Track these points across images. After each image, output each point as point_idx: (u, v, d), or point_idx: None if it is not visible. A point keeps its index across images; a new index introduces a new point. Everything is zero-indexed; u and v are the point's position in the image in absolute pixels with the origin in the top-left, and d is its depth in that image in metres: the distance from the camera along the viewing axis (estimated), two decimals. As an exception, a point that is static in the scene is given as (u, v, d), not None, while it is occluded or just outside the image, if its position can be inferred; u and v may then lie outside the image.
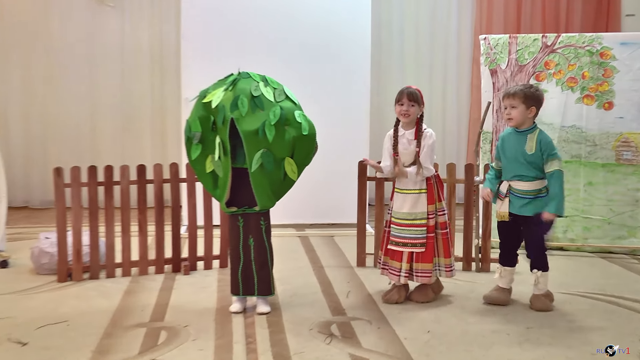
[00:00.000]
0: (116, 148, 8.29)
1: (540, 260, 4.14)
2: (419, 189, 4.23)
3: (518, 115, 4.04)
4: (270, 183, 3.86)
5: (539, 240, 4.12)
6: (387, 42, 8.59)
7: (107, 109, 8.24)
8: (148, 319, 3.87)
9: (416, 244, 4.21)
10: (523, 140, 4.05)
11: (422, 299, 4.26)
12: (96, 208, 4.77)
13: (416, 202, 4.23)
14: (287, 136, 3.83)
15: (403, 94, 4.20)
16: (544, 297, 4.13)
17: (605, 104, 5.74)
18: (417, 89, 4.23)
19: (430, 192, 4.24)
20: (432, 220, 4.24)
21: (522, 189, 4.06)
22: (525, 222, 4.10)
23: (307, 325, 3.76)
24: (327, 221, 7.03)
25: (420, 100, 4.21)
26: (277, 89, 3.92)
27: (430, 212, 4.23)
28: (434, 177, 4.28)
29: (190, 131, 3.94)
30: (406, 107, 4.19)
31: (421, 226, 4.21)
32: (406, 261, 4.24)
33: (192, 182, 4.99)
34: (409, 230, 4.23)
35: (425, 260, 4.22)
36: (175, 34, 8.05)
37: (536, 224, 4.05)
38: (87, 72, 8.18)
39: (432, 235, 4.23)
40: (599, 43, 5.74)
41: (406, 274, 4.24)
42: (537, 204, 4.03)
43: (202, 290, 4.51)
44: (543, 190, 4.05)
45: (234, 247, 4.00)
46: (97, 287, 4.57)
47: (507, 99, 4.06)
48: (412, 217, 4.22)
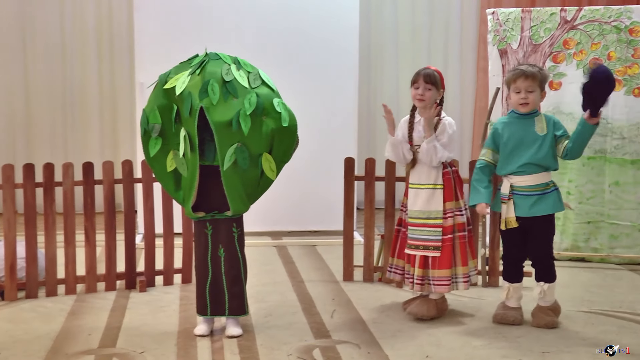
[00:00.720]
0: (57, 143, 8.27)
1: (549, 270, 4.22)
2: (433, 183, 4.31)
3: (536, 100, 4.14)
4: (245, 183, 3.88)
5: (548, 246, 4.21)
6: (378, 18, 8.62)
7: (45, 98, 8.22)
8: (97, 345, 3.87)
9: (429, 247, 4.28)
10: (530, 124, 4.15)
11: (422, 313, 4.30)
12: (34, 214, 4.76)
13: (430, 198, 4.30)
14: (265, 128, 3.85)
15: (419, 75, 4.28)
16: (549, 311, 4.21)
17: (635, 90, 5.80)
18: (436, 70, 4.32)
19: (447, 188, 4.31)
20: (450, 220, 4.31)
21: (526, 184, 4.13)
22: (532, 225, 4.17)
23: (285, 350, 3.78)
24: (309, 228, 7.06)
25: (439, 84, 4.29)
26: (252, 72, 3.93)
27: (447, 211, 4.30)
28: (452, 172, 4.35)
29: (148, 123, 3.94)
30: (422, 90, 4.26)
31: (435, 226, 4.28)
32: (419, 266, 4.30)
33: (148, 183, 5.00)
34: (421, 231, 4.31)
35: (443, 266, 4.28)
36: (127, 7, 8.04)
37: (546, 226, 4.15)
38: (20, 56, 8.15)
39: (449, 237, 4.30)
40: (627, 17, 5.80)
41: (419, 280, 4.30)
42: (547, 201, 4.12)
43: (161, 310, 4.51)
44: (550, 185, 4.14)
45: (201, 259, 4.01)
46: (35, 307, 4.56)
47: (522, 81, 4.12)
48: (425, 216, 4.30)
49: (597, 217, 5.84)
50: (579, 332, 4.11)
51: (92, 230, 4.88)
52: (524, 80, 4.11)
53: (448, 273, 4.28)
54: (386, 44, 8.65)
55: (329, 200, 6.65)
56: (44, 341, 3.92)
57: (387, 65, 8.63)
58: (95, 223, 4.89)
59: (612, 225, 5.83)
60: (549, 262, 4.22)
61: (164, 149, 3.98)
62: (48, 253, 4.80)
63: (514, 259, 4.30)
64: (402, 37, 8.69)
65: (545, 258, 4.22)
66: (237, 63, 3.93)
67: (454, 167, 4.38)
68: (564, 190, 5.81)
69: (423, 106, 4.28)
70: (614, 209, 5.82)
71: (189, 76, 3.85)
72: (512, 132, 4.18)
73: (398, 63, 8.64)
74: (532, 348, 3.84)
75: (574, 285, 5.09)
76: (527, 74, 4.11)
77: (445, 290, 4.29)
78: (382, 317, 4.37)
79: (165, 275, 5.10)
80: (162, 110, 3.93)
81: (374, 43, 8.61)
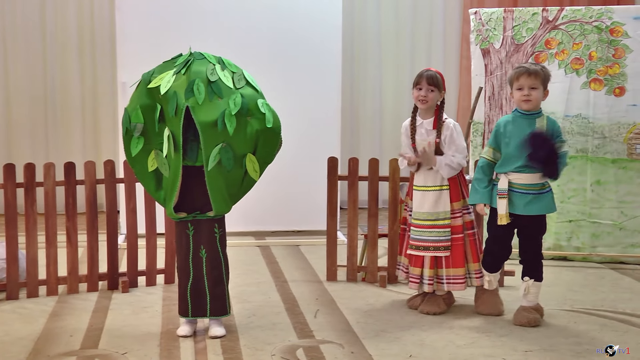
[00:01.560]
0: (38, 143, 8.22)
1: (537, 268, 4.27)
2: (439, 185, 4.37)
3: (538, 97, 4.19)
4: (228, 184, 3.88)
5: (538, 245, 4.26)
6: (361, 17, 8.62)
7: (26, 97, 8.16)
8: (78, 347, 3.85)
9: (439, 247, 4.36)
10: (532, 124, 4.19)
11: (433, 309, 4.39)
12: (14, 214, 4.74)
13: (437, 200, 4.37)
14: (250, 129, 3.84)
15: (422, 77, 4.36)
16: (532, 310, 4.24)
17: (616, 90, 5.84)
18: (437, 71, 4.40)
19: (454, 188, 4.38)
20: (459, 220, 4.39)
21: (524, 182, 4.15)
22: (525, 224, 4.21)
23: (269, 350, 3.77)
24: (292, 228, 7.06)
25: (441, 85, 4.38)
26: (236, 73, 3.93)
27: (455, 211, 4.38)
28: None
29: (130, 122, 3.93)
30: (424, 92, 4.35)
31: (444, 227, 4.35)
32: (429, 267, 4.38)
33: (131, 183, 4.97)
34: (430, 232, 4.37)
35: (456, 264, 4.37)
36: (109, 6, 8.01)
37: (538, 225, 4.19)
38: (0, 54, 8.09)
39: (460, 236, 4.38)
40: (608, 18, 5.83)
41: (430, 280, 4.38)
42: (543, 201, 4.16)
43: (143, 311, 4.50)
44: (546, 185, 4.18)
45: (183, 260, 4.00)
46: (16, 309, 4.54)
47: (525, 78, 4.16)
48: (433, 218, 4.37)
49: (579, 216, 5.87)
50: (561, 331, 4.13)
51: (74, 231, 4.85)
52: (527, 77, 4.16)
53: (462, 272, 4.37)
54: (369, 43, 8.65)
55: (312, 200, 6.64)
56: (25, 343, 3.89)
57: (370, 65, 8.63)
58: (77, 223, 4.87)
59: (593, 224, 5.86)
60: (538, 261, 4.27)
61: (146, 149, 3.96)
62: (29, 254, 4.77)
63: (498, 256, 4.35)
64: (385, 37, 8.69)
65: (535, 256, 4.26)
66: (221, 63, 3.93)
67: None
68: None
69: (426, 108, 4.38)
70: (595, 208, 5.85)
71: (174, 75, 3.83)
72: (514, 131, 4.20)
73: (381, 63, 8.65)
74: (515, 347, 3.85)
75: (557, 284, 5.11)
76: (530, 71, 4.16)
77: (461, 288, 4.39)
78: (366, 316, 4.37)
79: (148, 275, 5.08)
80: (145, 109, 3.91)
81: (357, 43, 8.61)
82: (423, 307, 4.42)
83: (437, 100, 4.40)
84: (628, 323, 4.29)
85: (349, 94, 8.40)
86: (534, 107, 4.20)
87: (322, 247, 5.42)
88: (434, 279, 4.40)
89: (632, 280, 5.32)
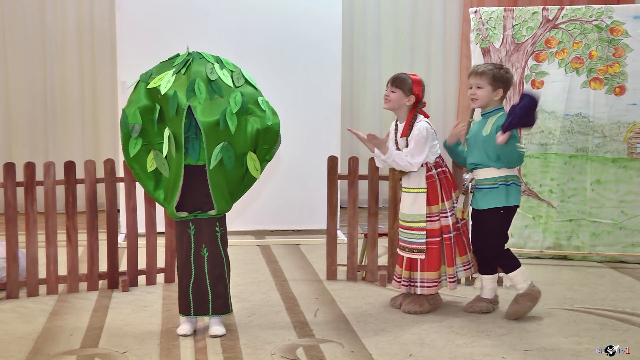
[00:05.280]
0: (38, 142, 8.23)
1: (500, 262, 4.38)
2: (416, 187, 4.37)
3: (484, 96, 4.31)
4: (229, 182, 3.89)
5: (489, 239, 4.33)
6: (361, 16, 8.62)
7: (26, 97, 8.17)
8: (78, 345, 3.85)
9: (414, 250, 4.36)
10: (484, 124, 4.34)
11: (414, 309, 4.39)
12: (14, 213, 4.74)
13: (413, 202, 4.38)
14: (250, 127, 3.85)
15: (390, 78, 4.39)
16: (519, 298, 4.29)
17: (616, 89, 5.84)
18: (410, 75, 4.37)
19: (432, 192, 4.37)
20: (436, 224, 4.37)
21: (479, 177, 4.33)
22: (480, 219, 4.34)
23: (269, 349, 3.78)
24: (292, 227, 7.05)
25: (406, 87, 4.33)
26: (235, 71, 3.94)
27: (433, 214, 4.36)
28: (437, 174, 4.40)
29: (128, 123, 3.93)
30: (387, 91, 4.38)
31: (419, 230, 4.35)
32: (405, 268, 4.41)
33: (131, 182, 4.97)
34: (407, 234, 4.40)
35: (430, 268, 4.36)
36: (109, 5, 8.01)
37: (490, 220, 4.30)
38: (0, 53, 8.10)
39: (436, 239, 4.36)
40: (608, 17, 5.83)
41: (405, 282, 4.41)
42: (491, 196, 4.27)
43: (143, 310, 4.50)
44: (498, 180, 4.26)
45: (184, 259, 4.00)
46: (16, 308, 4.54)
47: (473, 78, 4.33)
48: (410, 219, 4.39)
49: (579, 215, 5.87)
50: (561, 330, 4.12)
51: (74, 230, 4.85)
52: (474, 77, 4.34)
53: (435, 275, 4.37)
54: (369, 43, 8.65)
55: (313, 199, 6.64)
56: (25, 342, 3.90)
57: (370, 64, 8.63)
58: (77, 222, 4.87)
59: (593, 223, 5.86)
60: (487, 256, 4.37)
61: (145, 149, 3.97)
62: (29, 253, 4.77)
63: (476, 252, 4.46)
64: (385, 36, 8.70)
65: (485, 251, 4.37)
66: (219, 62, 3.94)
67: (440, 169, 4.41)
68: (545, 188, 5.84)
69: (388, 108, 4.41)
70: (595, 207, 5.85)
71: (174, 75, 3.84)
72: (472, 130, 4.45)
73: (381, 62, 8.66)
74: (515, 346, 3.85)
75: (557, 283, 5.12)
76: (477, 71, 4.34)
77: (432, 292, 4.39)
78: (366, 315, 4.38)
79: (148, 274, 5.08)
80: (143, 110, 3.91)
81: (357, 42, 8.61)
82: (405, 306, 4.44)
83: (402, 103, 4.35)
84: (628, 322, 4.29)
85: (348, 93, 8.40)
86: (481, 105, 4.35)
87: (322, 246, 5.43)
88: (409, 281, 4.42)
89: (632, 280, 5.33)
